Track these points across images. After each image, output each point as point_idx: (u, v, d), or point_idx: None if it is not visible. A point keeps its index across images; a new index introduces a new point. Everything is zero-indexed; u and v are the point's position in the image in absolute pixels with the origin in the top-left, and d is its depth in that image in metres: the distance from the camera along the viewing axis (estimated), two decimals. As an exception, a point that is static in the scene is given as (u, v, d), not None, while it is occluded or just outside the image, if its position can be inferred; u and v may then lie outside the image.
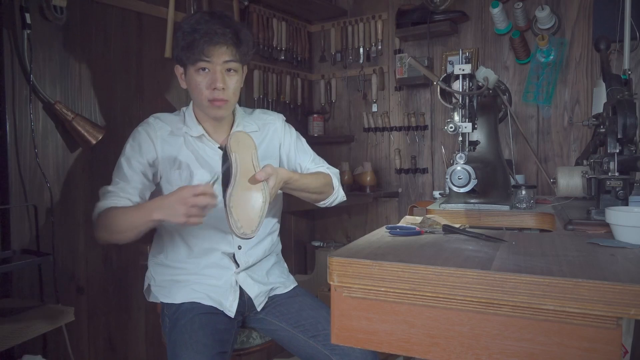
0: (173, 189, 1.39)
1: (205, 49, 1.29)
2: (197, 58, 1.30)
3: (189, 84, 1.37)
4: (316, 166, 1.55)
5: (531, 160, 2.32)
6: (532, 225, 1.36)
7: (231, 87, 1.35)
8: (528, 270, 0.72)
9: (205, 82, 1.33)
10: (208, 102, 1.34)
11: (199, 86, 1.33)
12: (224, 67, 1.33)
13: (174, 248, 1.45)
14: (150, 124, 1.43)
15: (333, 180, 1.52)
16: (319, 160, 1.59)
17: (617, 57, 2.04)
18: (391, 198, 2.72)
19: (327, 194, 1.51)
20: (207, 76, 1.32)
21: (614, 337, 0.68)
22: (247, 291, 1.43)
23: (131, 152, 1.39)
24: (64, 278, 1.62)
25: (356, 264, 0.82)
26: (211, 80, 1.32)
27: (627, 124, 1.07)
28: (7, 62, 1.46)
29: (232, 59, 1.33)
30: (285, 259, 1.64)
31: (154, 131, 1.41)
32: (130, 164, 1.38)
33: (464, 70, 1.24)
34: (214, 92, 1.32)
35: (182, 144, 1.41)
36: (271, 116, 1.56)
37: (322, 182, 1.47)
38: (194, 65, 1.31)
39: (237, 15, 2.26)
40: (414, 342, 0.80)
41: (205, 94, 1.33)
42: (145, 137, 1.40)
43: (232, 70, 1.35)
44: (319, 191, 1.47)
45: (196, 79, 1.33)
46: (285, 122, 1.57)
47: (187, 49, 1.29)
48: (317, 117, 2.82)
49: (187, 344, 1.24)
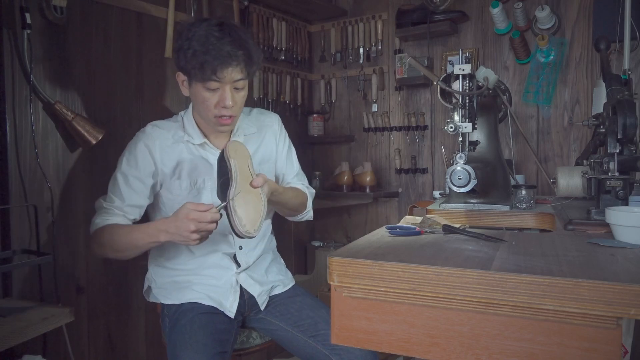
0: (173, 197, 1.40)
1: (218, 71, 1.27)
2: (208, 78, 1.28)
3: (195, 96, 1.34)
4: (297, 182, 1.58)
5: (531, 160, 2.32)
6: (532, 225, 1.36)
7: (238, 103, 1.35)
8: (528, 270, 0.72)
9: (213, 100, 1.31)
10: (215, 119, 1.34)
11: (206, 102, 1.32)
12: (233, 85, 1.32)
13: (175, 251, 1.45)
14: (148, 133, 1.41)
15: (308, 201, 1.56)
16: (302, 176, 1.61)
17: (617, 57, 2.04)
18: (391, 198, 2.72)
19: (299, 212, 1.55)
20: (215, 94, 1.31)
21: (614, 337, 0.68)
22: (250, 291, 1.44)
23: (127, 168, 1.38)
24: (64, 278, 1.62)
25: (356, 264, 0.82)
26: (220, 98, 1.31)
27: (627, 124, 1.07)
28: (7, 62, 1.46)
29: (242, 78, 1.32)
30: (285, 259, 1.65)
31: (152, 141, 1.39)
32: (127, 180, 1.37)
33: (464, 70, 1.24)
34: (222, 109, 1.32)
35: (182, 151, 1.40)
36: (268, 117, 1.56)
37: (299, 200, 1.51)
38: (203, 83, 1.29)
39: (237, 15, 2.26)
40: (414, 342, 0.80)
41: (213, 111, 1.33)
42: (142, 150, 1.38)
43: (240, 87, 1.34)
44: (294, 208, 1.51)
45: (204, 94, 1.31)
46: (281, 125, 1.58)
47: (198, 68, 1.26)
48: (317, 117, 2.82)
49: (187, 343, 1.24)
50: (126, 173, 1.37)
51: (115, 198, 1.37)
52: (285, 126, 1.61)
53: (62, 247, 1.62)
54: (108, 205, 1.36)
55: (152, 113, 1.89)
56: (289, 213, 1.53)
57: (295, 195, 1.49)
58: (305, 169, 1.67)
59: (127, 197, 1.37)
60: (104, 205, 1.37)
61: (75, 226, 1.66)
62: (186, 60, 1.28)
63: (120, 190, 1.36)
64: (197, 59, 1.26)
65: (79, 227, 1.67)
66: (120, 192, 1.37)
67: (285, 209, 1.49)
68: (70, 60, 1.64)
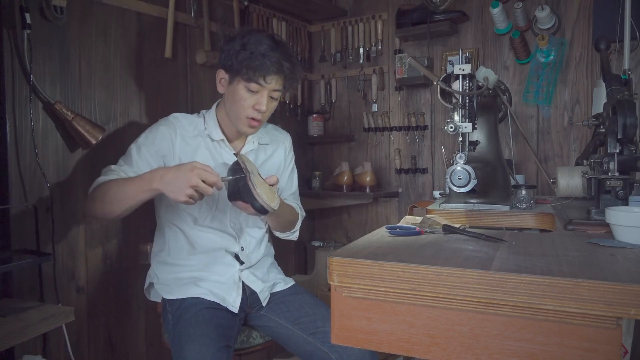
0: None
1: (267, 76, 1.34)
2: (254, 80, 1.34)
3: (232, 94, 1.40)
4: (292, 201, 1.61)
5: (531, 160, 2.32)
6: (532, 225, 1.36)
7: (269, 111, 1.42)
8: (528, 270, 0.72)
9: (250, 101, 1.37)
10: (245, 119, 1.39)
11: (243, 102, 1.38)
12: (270, 93, 1.38)
13: (176, 246, 1.46)
14: (171, 121, 1.46)
15: (298, 221, 1.59)
16: (297, 197, 1.66)
17: (617, 57, 2.04)
18: (391, 198, 2.72)
19: (287, 230, 1.57)
20: (254, 96, 1.37)
21: (614, 337, 0.68)
22: (252, 287, 1.47)
23: (144, 141, 1.42)
24: (64, 278, 1.62)
25: (356, 264, 0.82)
26: (257, 101, 1.37)
27: (627, 124, 1.07)
28: (7, 62, 1.46)
29: (280, 89, 1.39)
30: (285, 259, 1.66)
31: (174, 129, 1.44)
32: (140, 151, 1.40)
33: (464, 70, 1.24)
34: (255, 112, 1.38)
35: (200, 145, 1.45)
36: (282, 134, 1.64)
37: (292, 219, 1.55)
38: (247, 83, 1.35)
39: (237, 15, 2.26)
40: (414, 342, 0.80)
41: (246, 111, 1.38)
42: (163, 132, 1.43)
43: (275, 97, 1.41)
44: (284, 224, 1.54)
45: (243, 94, 1.37)
46: (292, 145, 1.65)
47: (250, 68, 1.33)
48: (317, 117, 2.82)
49: (192, 337, 1.25)
50: (140, 145, 1.41)
51: (124, 164, 1.40)
52: (286, 126, 1.65)
53: (62, 247, 1.62)
54: (115, 168, 1.39)
55: (152, 113, 1.89)
56: (277, 228, 1.55)
57: (290, 213, 1.53)
58: (305, 169, 1.68)
59: (135, 164, 1.39)
60: (112, 167, 1.39)
61: (75, 226, 1.66)
62: (238, 60, 1.34)
63: (132, 158, 1.39)
64: (253, 61, 1.32)
65: (79, 227, 1.67)
66: (130, 160, 1.39)
67: (276, 222, 1.52)
68: (70, 60, 1.64)
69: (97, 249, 1.73)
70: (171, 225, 1.48)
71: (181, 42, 2.05)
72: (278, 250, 1.72)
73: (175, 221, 1.46)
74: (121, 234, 1.80)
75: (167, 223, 1.48)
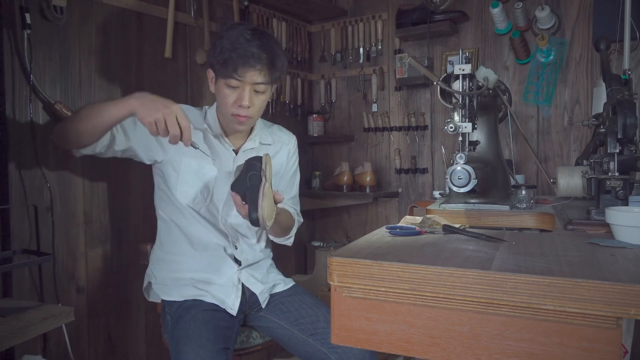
0: (177, 173, 1.42)
1: (239, 70, 1.32)
2: (229, 75, 1.33)
3: (218, 92, 1.40)
4: (290, 206, 1.58)
5: (531, 160, 2.32)
6: (532, 225, 1.36)
7: (257, 106, 1.40)
8: (528, 270, 0.72)
9: (232, 97, 1.37)
10: (231, 116, 1.39)
11: (225, 99, 1.37)
12: (253, 87, 1.36)
13: (169, 238, 1.46)
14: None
15: (294, 227, 1.57)
16: (296, 201, 1.63)
17: (617, 57, 2.04)
18: (391, 198, 2.72)
19: (282, 236, 1.55)
20: (235, 92, 1.36)
21: (614, 337, 0.68)
22: (251, 288, 1.47)
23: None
24: (64, 278, 1.62)
25: (356, 264, 0.82)
26: (238, 97, 1.36)
27: (627, 124, 1.07)
28: (7, 62, 1.46)
29: (263, 82, 1.37)
30: (285, 259, 1.65)
31: None
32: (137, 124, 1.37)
33: (464, 70, 1.24)
34: (239, 108, 1.37)
35: (200, 138, 1.44)
36: (287, 135, 1.62)
37: (287, 225, 1.52)
38: (225, 80, 1.35)
39: (237, 15, 2.26)
40: (414, 342, 0.80)
41: (230, 108, 1.38)
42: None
43: (260, 91, 1.38)
44: (278, 231, 1.52)
45: (225, 91, 1.37)
46: (296, 147, 1.63)
47: (222, 64, 1.33)
48: (317, 117, 2.82)
49: (191, 339, 1.25)
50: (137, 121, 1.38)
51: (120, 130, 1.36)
52: (286, 126, 1.65)
53: (62, 247, 1.62)
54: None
55: (152, 113, 1.89)
56: (271, 233, 1.54)
57: (287, 220, 1.51)
58: (305, 169, 1.67)
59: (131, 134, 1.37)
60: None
61: (75, 226, 1.66)
62: (214, 57, 1.35)
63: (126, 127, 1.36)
64: (222, 56, 1.32)
65: (79, 227, 1.67)
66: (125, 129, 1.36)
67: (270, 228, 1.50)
68: (70, 60, 1.64)
69: (97, 249, 1.73)
70: (163, 217, 1.48)
71: (181, 42, 2.05)
72: (278, 251, 1.72)
73: (168, 211, 1.46)
74: (121, 234, 1.80)
75: (160, 215, 1.49)
